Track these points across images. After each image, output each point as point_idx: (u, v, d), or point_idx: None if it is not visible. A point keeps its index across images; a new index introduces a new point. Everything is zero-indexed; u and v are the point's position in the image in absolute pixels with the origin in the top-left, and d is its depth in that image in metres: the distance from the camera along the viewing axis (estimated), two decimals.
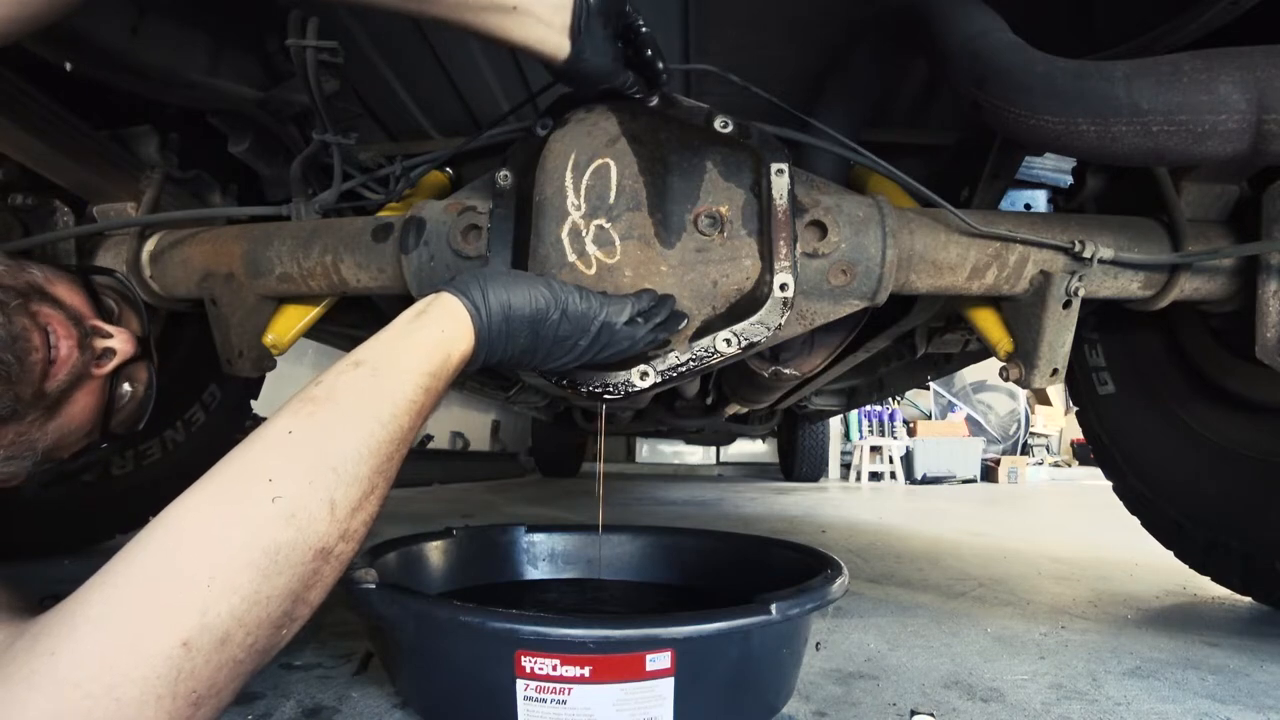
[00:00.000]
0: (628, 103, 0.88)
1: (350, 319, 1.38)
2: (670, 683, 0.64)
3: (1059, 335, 0.93)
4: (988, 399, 8.43)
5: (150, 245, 1.07)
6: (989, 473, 7.30)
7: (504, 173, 0.91)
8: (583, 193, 0.84)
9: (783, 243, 0.82)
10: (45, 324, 0.66)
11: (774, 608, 0.66)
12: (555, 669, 0.63)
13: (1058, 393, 8.28)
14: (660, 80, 0.85)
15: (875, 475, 6.80)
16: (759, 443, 7.70)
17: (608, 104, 0.88)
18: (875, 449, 6.90)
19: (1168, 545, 1.41)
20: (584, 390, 0.83)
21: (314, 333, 1.26)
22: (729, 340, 0.81)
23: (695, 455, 8.25)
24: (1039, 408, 8.73)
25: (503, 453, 6.61)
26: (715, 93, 1.14)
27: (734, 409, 2.52)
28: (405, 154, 1.15)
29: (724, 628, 0.65)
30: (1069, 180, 1.30)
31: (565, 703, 0.63)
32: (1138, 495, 1.42)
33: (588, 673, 0.63)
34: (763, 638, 0.70)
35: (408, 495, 3.80)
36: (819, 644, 1.06)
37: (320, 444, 0.52)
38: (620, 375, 0.82)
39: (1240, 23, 0.84)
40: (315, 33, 0.88)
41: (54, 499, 1.42)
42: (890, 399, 4.22)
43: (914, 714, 0.80)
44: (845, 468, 7.07)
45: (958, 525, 2.92)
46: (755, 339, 0.81)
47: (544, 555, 1.16)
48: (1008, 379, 0.98)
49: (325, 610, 0.53)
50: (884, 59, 1.01)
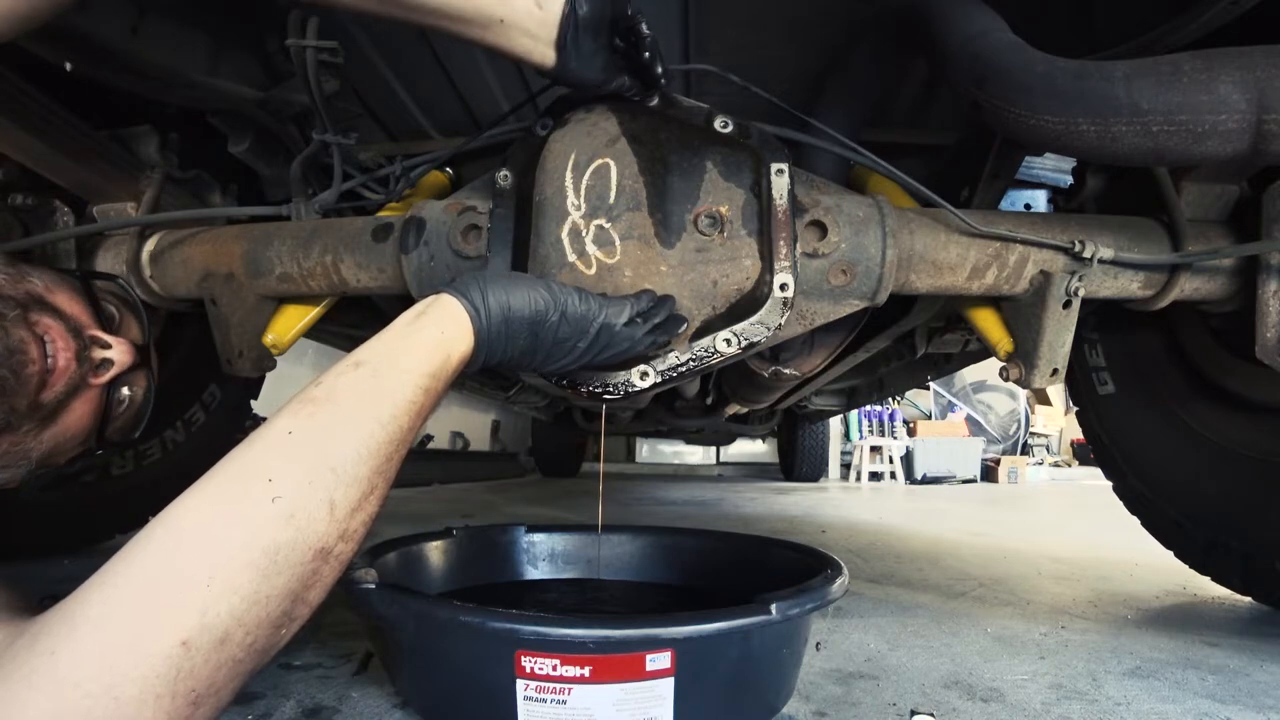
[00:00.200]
0: (628, 103, 0.88)
1: (350, 319, 1.38)
2: (670, 683, 0.64)
3: (1059, 335, 0.93)
4: (988, 399, 8.43)
5: (150, 245, 1.07)
6: (989, 473, 7.30)
7: (504, 173, 0.91)
8: (583, 193, 0.84)
9: (783, 243, 0.82)
10: (43, 334, 0.67)
11: (774, 608, 0.66)
12: (555, 669, 0.63)
13: (1058, 393, 8.28)
14: (658, 84, 0.84)
15: (875, 475, 6.80)
16: (759, 443, 7.70)
17: (608, 104, 0.88)
18: (875, 449, 6.90)
19: (1168, 545, 1.41)
20: (584, 390, 0.83)
21: (314, 333, 1.26)
22: (729, 340, 0.81)
23: (695, 455, 8.25)
24: (1039, 408, 8.73)
25: (503, 453, 6.61)
26: (715, 93, 1.14)
27: (734, 409, 2.52)
28: (405, 154, 1.15)
29: (724, 628, 0.65)
30: (1069, 180, 1.30)
31: (565, 703, 0.63)
32: (1138, 495, 1.42)
33: (588, 673, 0.63)
34: (763, 638, 0.70)
35: (408, 495, 3.81)
36: (819, 644, 1.06)
37: (320, 444, 0.53)
38: (620, 375, 0.82)
39: (1240, 23, 0.84)
40: (315, 33, 0.88)
41: (54, 499, 1.42)
42: (890, 399, 4.22)
43: (914, 714, 0.80)
44: (845, 468, 7.07)
45: (958, 525, 2.92)
46: (755, 339, 0.81)
47: (544, 555, 1.16)
48: (1008, 379, 0.98)
49: (325, 610, 0.53)
50: (884, 59, 1.01)
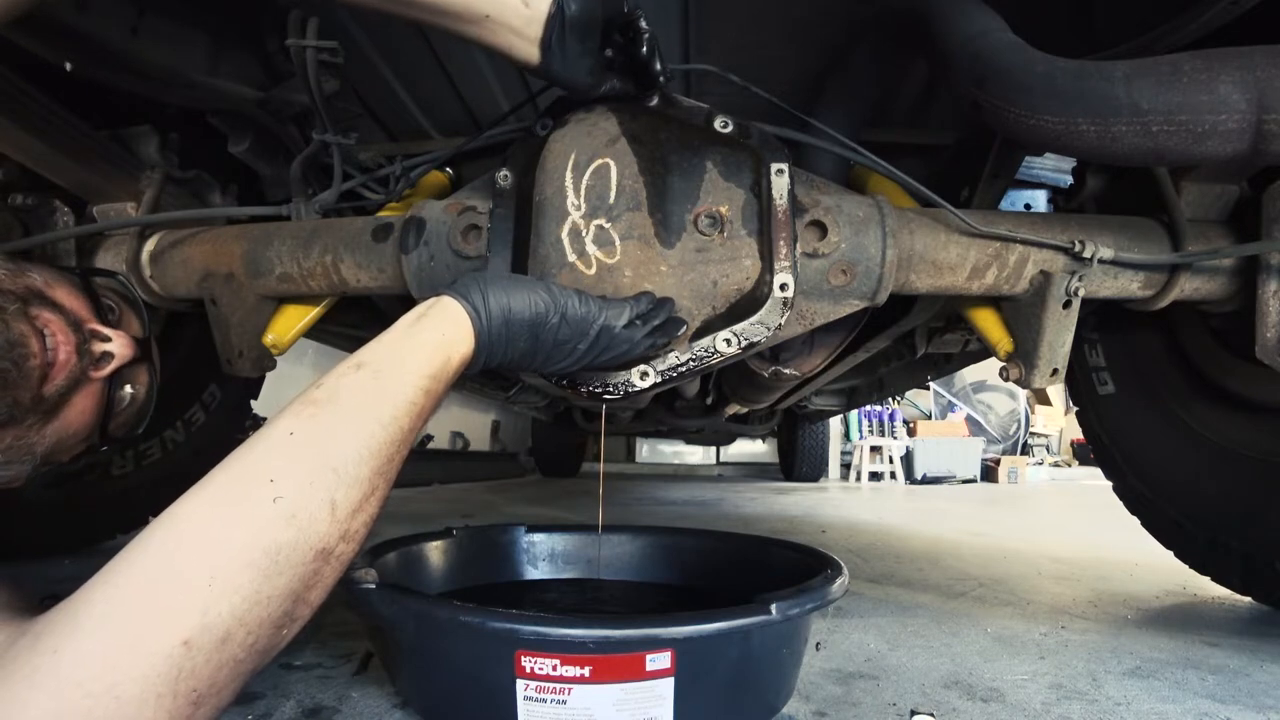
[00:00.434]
0: (628, 103, 0.88)
1: (350, 319, 1.38)
2: (670, 683, 0.64)
3: (1059, 335, 0.93)
4: (988, 399, 8.43)
5: (150, 245, 1.07)
6: (989, 473, 7.30)
7: (504, 173, 0.91)
8: (583, 193, 0.84)
9: (783, 243, 0.82)
10: (43, 328, 0.66)
11: (774, 608, 0.66)
12: (555, 669, 0.63)
13: (1058, 393, 8.28)
14: (656, 83, 0.84)
15: (875, 475, 6.80)
16: (759, 443, 7.70)
17: (608, 104, 0.88)
18: (875, 449, 6.90)
19: (1168, 545, 1.41)
20: (584, 390, 0.83)
21: (314, 333, 1.26)
22: (729, 340, 0.81)
23: (695, 455, 8.25)
24: (1039, 408, 8.73)
25: (503, 453, 6.61)
26: (715, 93, 1.14)
27: (734, 409, 2.52)
28: (405, 154, 1.15)
29: (724, 628, 0.65)
30: (1069, 180, 1.30)
31: (565, 703, 0.63)
32: (1138, 495, 1.42)
33: (588, 673, 0.63)
34: (763, 638, 0.70)
35: (408, 495, 3.81)
36: (819, 644, 1.06)
37: (321, 445, 0.53)
38: (620, 375, 0.82)
39: (1240, 23, 0.84)
40: (315, 33, 0.88)
41: (54, 499, 1.42)
42: (890, 399, 4.22)
43: (914, 714, 0.80)
44: (845, 468, 7.06)
45: (958, 525, 2.92)
46: (755, 339, 0.81)
47: (544, 555, 1.16)
48: (1008, 379, 0.98)
49: (325, 610, 0.53)
50: (884, 59, 1.01)
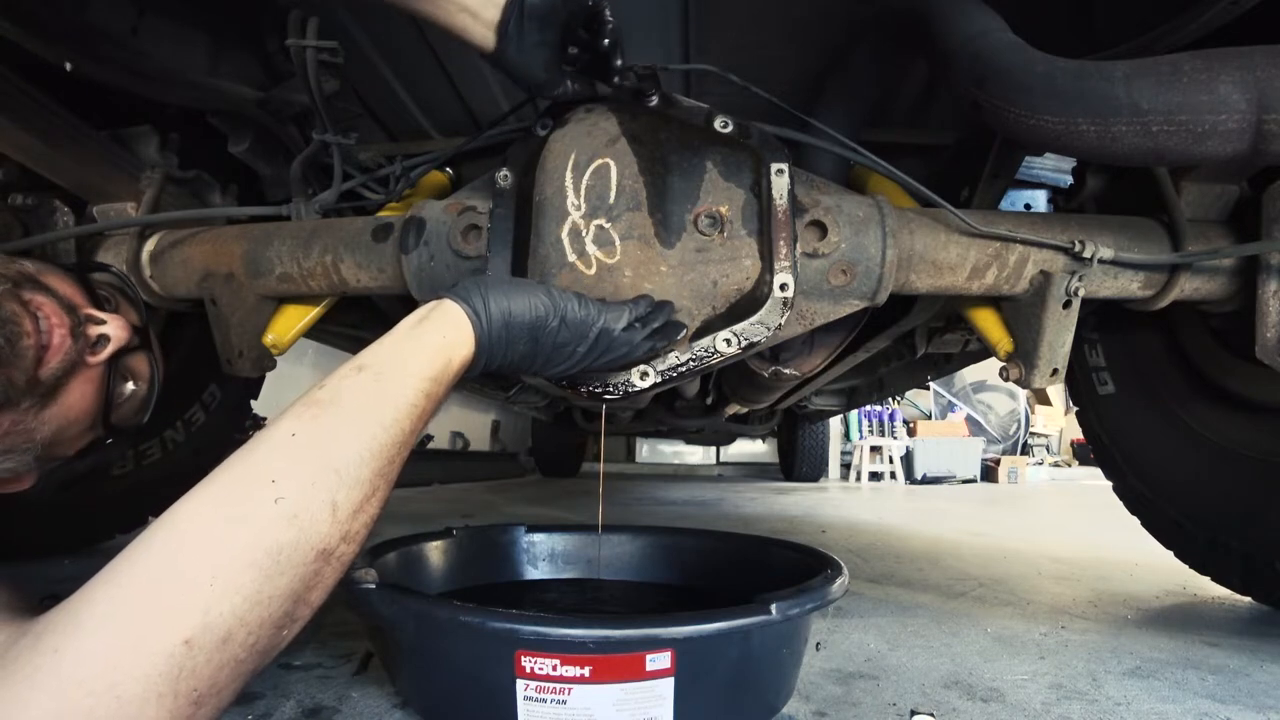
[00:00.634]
0: (628, 103, 0.88)
1: (350, 319, 1.38)
2: (670, 683, 0.64)
3: (1059, 335, 0.93)
4: (988, 399, 8.43)
5: (150, 245, 1.07)
6: (989, 473, 7.30)
7: (504, 173, 0.91)
8: (583, 193, 0.84)
9: (783, 243, 0.82)
10: (36, 310, 0.66)
11: (774, 608, 0.66)
12: (555, 669, 0.63)
13: (1058, 393, 8.28)
14: (611, 78, 0.83)
15: (875, 475, 6.80)
16: (759, 443, 7.70)
17: (608, 104, 0.88)
18: (875, 449, 6.89)
19: (1168, 545, 1.41)
20: (584, 390, 0.83)
21: (314, 333, 1.26)
22: (729, 340, 0.81)
23: (695, 455, 8.25)
24: (1039, 408, 8.73)
25: (503, 453, 6.61)
26: (715, 93, 1.14)
27: (734, 409, 2.52)
28: (405, 154, 1.15)
29: (724, 628, 0.65)
30: (1069, 180, 1.30)
31: (565, 703, 0.63)
32: (1138, 495, 1.42)
33: (588, 673, 0.63)
34: (763, 638, 0.70)
35: (408, 495, 3.81)
36: (819, 644, 1.06)
37: (323, 447, 0.53)
38: (620, 375, 0.82)
39: (1240, 23, 0.84)
40: (315, 33, 0.88)
41: (54, 499, 1.42)
42: (890, 399, 4.22)
43: (914, 714, 0.80)
44: (845, 468, 7.06)
45: (958, 525, 2.92)
46: (755, 339, 0.81)
47: (544, 555, 1.16)
48: (1008, 379, 0.98)
49: (325, 610, 0.53)
50: (884, 59, 1.01)
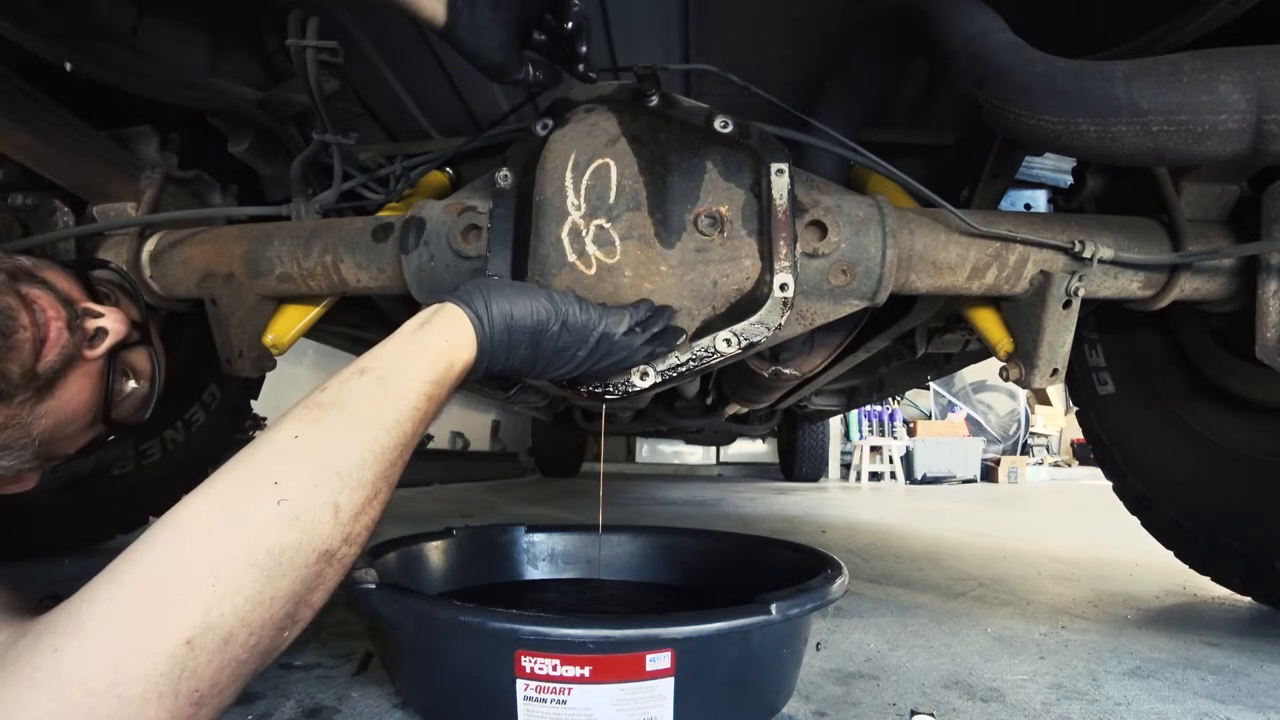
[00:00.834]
0: (628, 103, 0.88)
1: (350, 319, 1.38)
2: (670, 683, 0.64)
3: (1059, 335, 0.93)
4: (988, 399, 8.43)
5: (150, 245, 1.07)
6: (989, 473, 7.30)
7: (504, 173, 0.91)
8: (583, 193, 0.84)
9: (783, 243, 0.82)
10: (33, 303, 0.66)
11: (774, 608, 0.66)
12: (555, 669, 0.63)
13: (1058, 393, 8.28)
14: (577, 62, 0.80)
15: (875, 475, 6.80)
16: (759, 443, 7.70)
17: (608, 104, 0.88)
18: (875, 449, 6.90)
19: (1168, 545, 1.41)
20: (584, 391, 0.83)
21: (314, 333, 1.26)
22: (729, 340, 0.81)
23: (695, 455, 8.25)
24: (1039, 408, 8.73)
25: (503, 453, 6.60)
26: (715, 93, 1.14)
27: (734, 409, 2.52)
28: (405, 154, 1.15)
29: (724, 628, 0.65)
30: (1069, 180, 1.30)
31: (565, 703, 0.63)
32: (1138, 495, 1.42)
33: (588, 673, 0.63)
34: (763, 638, 0.70)
35: (408, 495, 3.80)
36: (819, 644, 1.06)
37: (326, 449, 0.53)
38: (620, 375, 0.82)
39: (1240, 23, 0.84)
40: (315, 33, 0.88)
41: (54, 499, 1.42)
42: (890, 399, 4.22)
43: (914, 714, 0.80)
44: (845, 468, 7.07)
45: (958, 525, 2.92)
46: (755, 339, 0.81)
47: (544, 555, 1.16)
48: (1008, 379, 0.98)
49: (325, 610, 0.54)
50: (884, 59, 1.01)
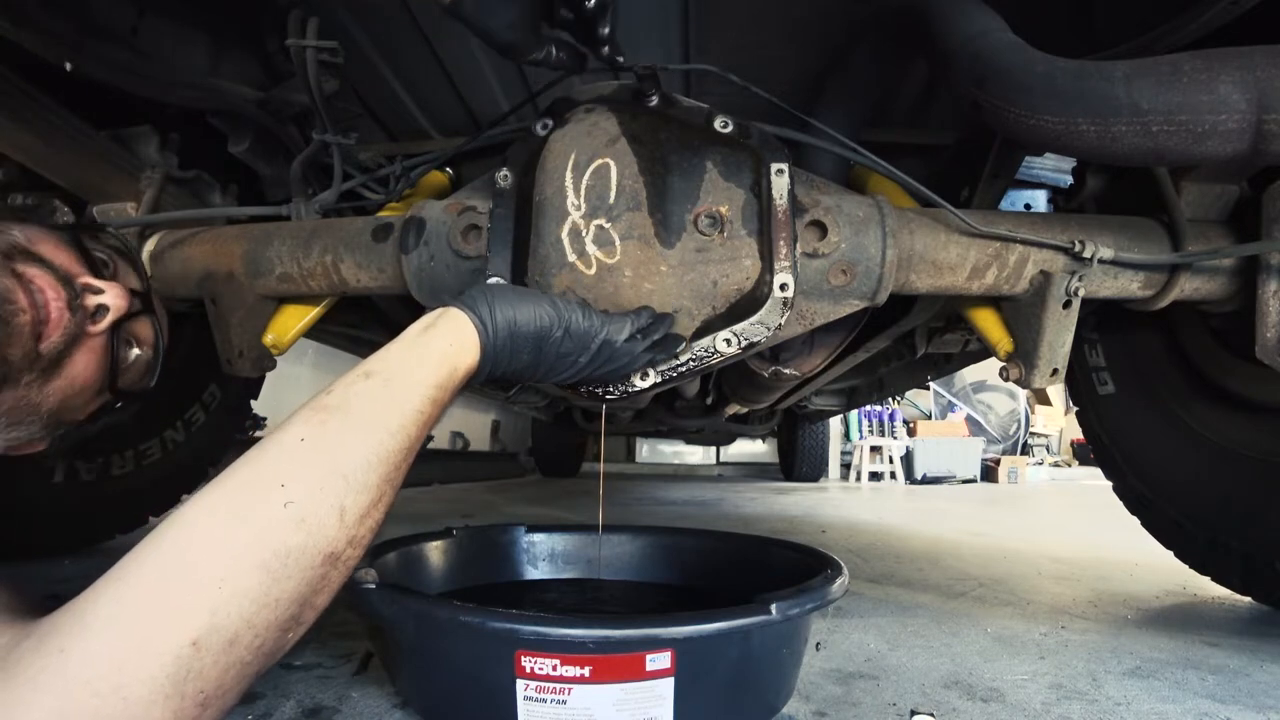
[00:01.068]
0: (628, 103, 0.88)
1: (350, 319, 1.38)
2: (670, 683, 0.64)
3: (1059, 335, 0.93)
4: (988, 399, 8.43)
5: (150, 245, 1.07)
6: (989, 473, 7.30)
7: (504, 173, 0.91)
8: (583, 193, 0.84)
9: (783, 243, 0.82)
10: (30, 283, 0.65)
11: (774, 608, 0.66)
12: (555, 669, 0.63)
13: (1058, 393, 8.28)
14: (599, 46, 0.76)
15: (875, 475, 6.80)
16: (759, 443, 7.70)
17: (608, 104, 0.88)
18: (875, 449, 6.90)
19: (1168, 545, 1.41)
20: (584, 391, 0.83)
21: (314, 333, 1.26)
22: (729, 340, 0.81)
23: (695, 455, 8.25)
24: (1039, 408, 8.73)
25: (503, 453, 6.60)
26: (715, 93, 1.14)
27: (734, 409, 2.52)
28: (405, 154, 1.15)
29: (724, 628, 0.65)
30: (1069, 180, 1.30)
31: (565, 703, 0.63)
32: (1138, 495, 1.42)
33: (588, 673, 0.63)
34: (763, 638, 0.70)
35: (408, 495, 3.80)
36: (819, 644, 1.06)
37: (331, 452, 0.53)
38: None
39: (1240, 23, 0.84)
40: (315, 33, 0.88)
41: (54, 499, 1.42)
42: (890, 399, 4.22)
43: (914, 714, 0.80)
44: (845, 468, 7.07)
45: (958, 525, 2.92)
46: (755, 339, 0.81)
47: (544, 555, 1.16)
48: (1008, 379, 0.98)
49: (326, 611, 0.54)
50: (884, 59, 1.00)
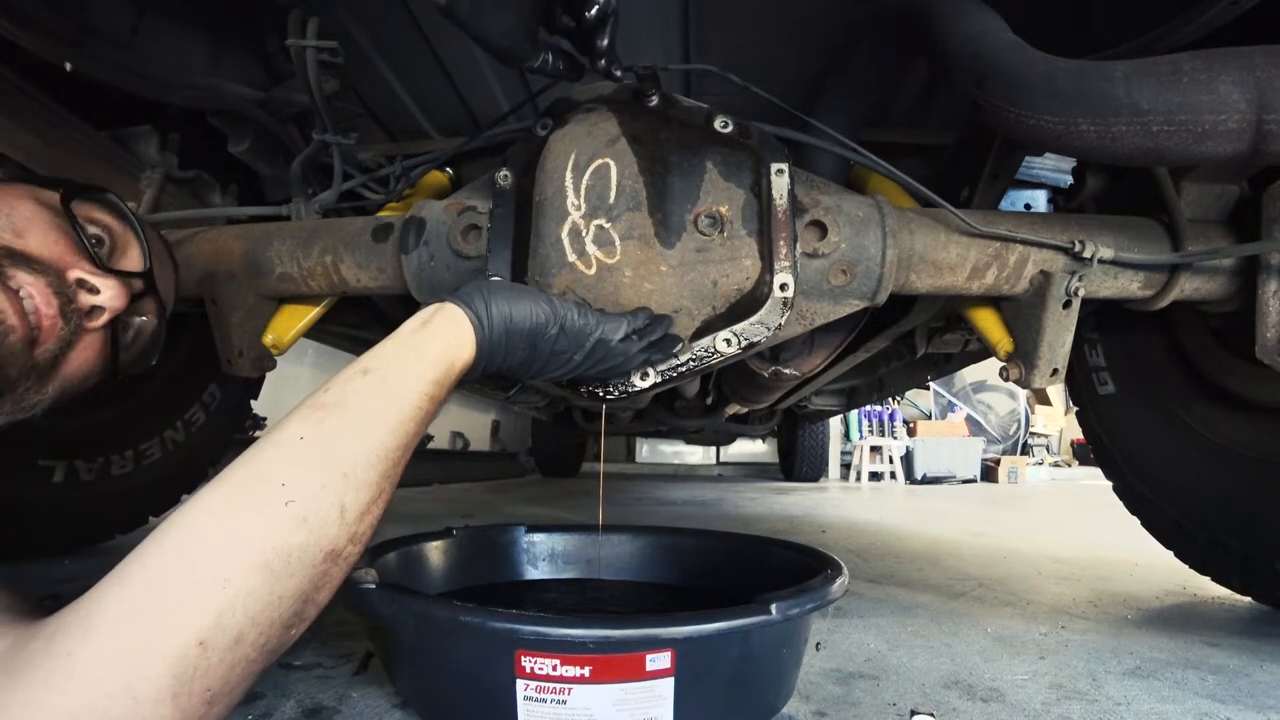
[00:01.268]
0: (628, 103, 0.88)
1: (350, 319, 1.38)
2: (670, 683, 0.64)
3: (1059, 335, 0.93)
4: (988, 399, 8.43)
5: None
6: (989, 473, 7.30)
7: (504, 173, 0.91)
8: (583, 193, 0.84)
9: (783, 243, 0.82)
10: (19, 290, 0.63)
11: (774, 608, 0.66)
12: (555, 669, 0.63)
13: (1058, 393, 8.28)
14: (596, 57, 0.76)
15: (875, 475, 6.80)
16: (759, 443, 7.70)
17: (608, 104, 0.88)
18: (875, 449, 6.90)
19: (1168, 545, 1.41)
20: (584, 391, 0.83)
21: (314, 333, 1.26)
22: (729, 340, 0.81)
23: (695, 455, 8.25)
24: (1039, 408, 8.73)
25: (503, 453, 6.61)
26: (715, 93, 1.14)
27: (734, 409, 2.52)
28: (405, 154, 1.15)
29: (724, 628, 0.65)
30: (1069, 180, 1.30)
31: (565, 703, 0.63)
32: (1138, 495, 1.42)
33: (588, 673, 0.63)
34: (763, 638, 0.70)
35: (408, 495, 3.80)
36: (819, 644, 1.06)
37: (331, 449, 0.53)
38: (620, 376, 0.82)
39: (1240, 23, 0.84)
40: (315, 33, 0.88)
41: (54, 499, 1.42)
42: (890, 399, 4.22)
43: (914, 714, 0.80)
44: (845, 468, 7.07)
45: (958, 525, 2.92)
46: (755, 339, 0.81)
47: (544, 555, 1.16)
48: (1008, 379, 0.98)
49: (325, 610, 0.54)
50: (884, 59, 1.01)
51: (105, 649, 0.42)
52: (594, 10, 0.72)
